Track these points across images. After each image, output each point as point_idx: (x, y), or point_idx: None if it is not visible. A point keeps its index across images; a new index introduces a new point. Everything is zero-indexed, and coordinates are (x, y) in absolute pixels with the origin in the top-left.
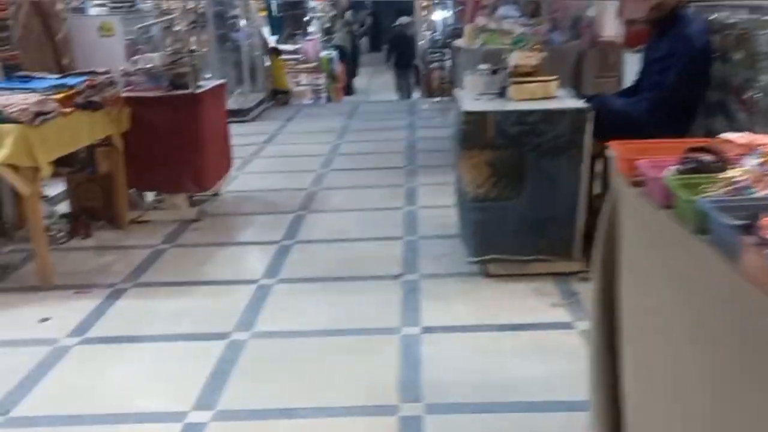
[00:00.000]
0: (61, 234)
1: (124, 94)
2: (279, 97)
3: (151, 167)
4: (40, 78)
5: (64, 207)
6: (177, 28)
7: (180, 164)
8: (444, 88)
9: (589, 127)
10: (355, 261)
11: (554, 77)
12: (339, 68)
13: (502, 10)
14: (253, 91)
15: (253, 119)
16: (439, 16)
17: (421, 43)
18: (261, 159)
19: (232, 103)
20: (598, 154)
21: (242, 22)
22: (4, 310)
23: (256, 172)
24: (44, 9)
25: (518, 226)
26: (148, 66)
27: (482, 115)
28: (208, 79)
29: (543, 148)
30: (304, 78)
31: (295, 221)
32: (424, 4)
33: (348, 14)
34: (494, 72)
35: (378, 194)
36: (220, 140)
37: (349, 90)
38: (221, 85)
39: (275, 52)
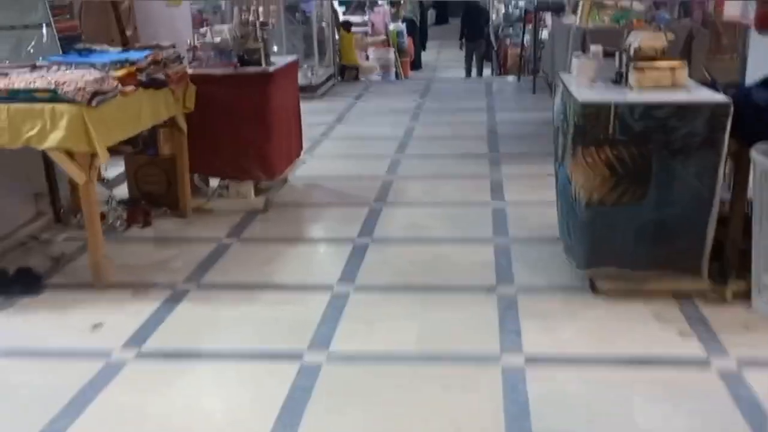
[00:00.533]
0: (119, 222)
1: (190, 71)
2: (348, 72)
3: (216, 151)
4: (101, 51)
5: (122, 191)
6: None
7: (248, 149)
8: (521, 66)
9: (728, 125)
10: (441, 266)
11: (682, 62)
12: (408, 42)
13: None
14: (322, 66)
15: (322, 96)
16: None
17: (494, 17)
18: (331, 141)
19: (300, 79)
20: (731, 154)
21: None
22: (55, 311)
23: (326, 156)
24: None
25: (638, 235)
26: (216, 40)
27: (602, 107)
28: (276, 53)
29: (673, 147)
30: (372, 52)
31: (371, 215)
32: None
33: None
34: (610, 54)
35: (460, 186)
36: (292, 123)
37: (416, 64)
38: (294, 63)
39: (346, 26)
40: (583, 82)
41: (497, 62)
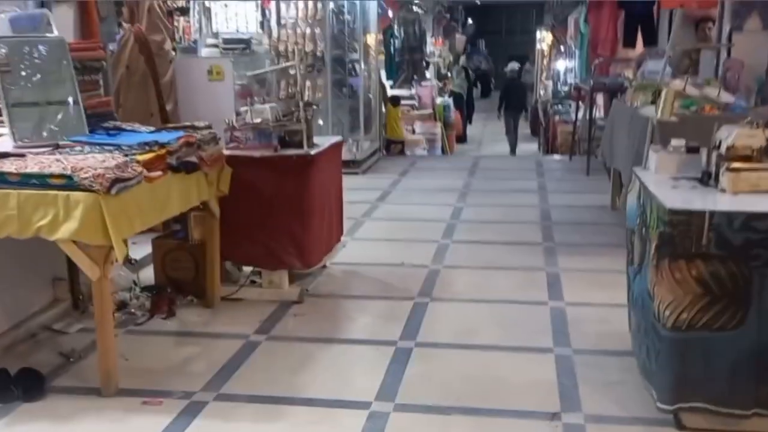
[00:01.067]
0: (141, 312)
1: (227, 152)
2: (393, 147)
3: (250, 237)
4: (131, 131)
5: (149, 274)
6: (293, 71)
7: (284, 236)
8: (573, 145)
9: None
10: (495, 383)
11: None
12: (454, 116)
13: (650, 64)
14: (367, 139)
15: (365, 171)
16: (562, 65)
17: (542, 92)
18: (373, 222)
19: (344, 154)
20: None
21: (361, 67)
22: (55, 423)
23: (368, 238)
24: (151, 48)
25: (735, 367)
26: (256, 120)
27: (694, 215)
28: (321, 125)
29: None
30: (418, 126)
31: (415, 312)
32: (545, 51)
33: (463, 59)
34: (693, 150)
35: (512, 279)
36: (333, 208)
37: (462, 138)
38: (338, 144)
39: (394, 101)
40: (665, 182)
41: (545, 138)
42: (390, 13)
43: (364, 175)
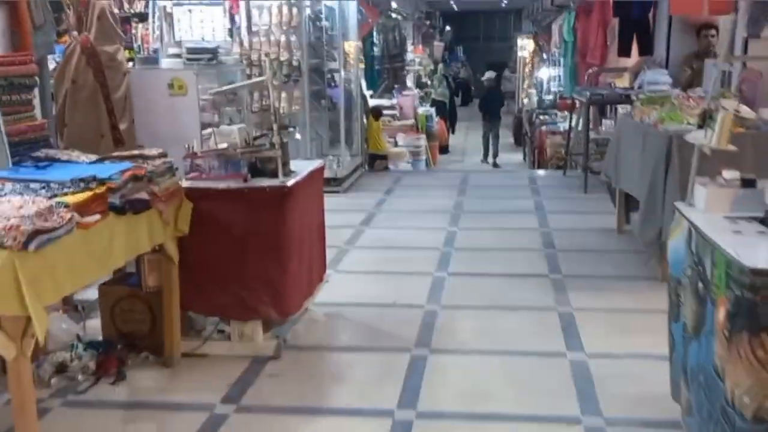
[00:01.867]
0: (83, 376)
1: (187, 184)
2: (377, 162)
3: (216, 284)
4: (66, 161)
5: (95, 325)
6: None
7: (257, 282)
8: (567, 159)
9: None
10: None
11: None
12: (437, 126)
13: (649, 75)
14: (349, 155)
15: (347, 189)
16: (545, 73)
17: (525, 101)
18: (359, 250)
19: (325, 170)
20: None
21: (341, 77)
22: None
23: (353, 271)
24: (101, 59)
25: None
26: (222, 145)
27: None
28: (298, 140)
29: None
30: (401, 138)
31: (413, 369)
32: (527, 59)
33: (440, 67)
34: (750, 183)
35: (522, 323)
36: (314, 244)
37: (444, 148)
38: (319, 170)
39: (375, 112)
40: (721, 224)
41: (531, 149)
42: (370, 20)
43: (346, 194)
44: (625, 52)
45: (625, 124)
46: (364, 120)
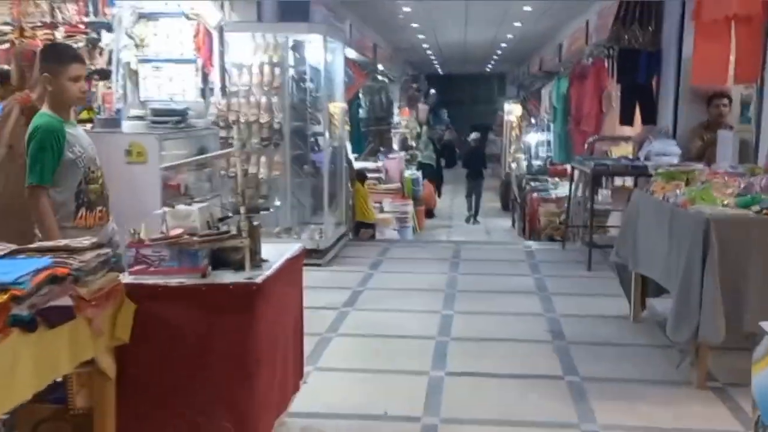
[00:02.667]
0: None
1: (130, 280)
2: (362, 231)
3: (164, 405)
4: None
5: None
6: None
7: (217, 403)
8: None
9: None
10: None
11: None
12: (424, 189)
13: (656, 145)
14: (332, 223)
15: (330, 261)
16: (533, 138)
17: (513, 166)
18: (342, 339)
19: (304, 243)
20: None
21: (324, 140)
22: None
23: (335, 368)
24: None
25: None
26: (176, 231)
27: None
28: (278, 206)
29: None
30: (387, 203)
31: None
32: (513, 123)
33: (424, 130)
34: None
35: None
36: (290, 348)
37: (430, 213)
38: (297, 257)
39: (360, 177)
40: None
41: (521, 216)
42: (357, 82)
43: (328, 268)
44: (627, 120)
45: (644, 202)
46: (349, 186)
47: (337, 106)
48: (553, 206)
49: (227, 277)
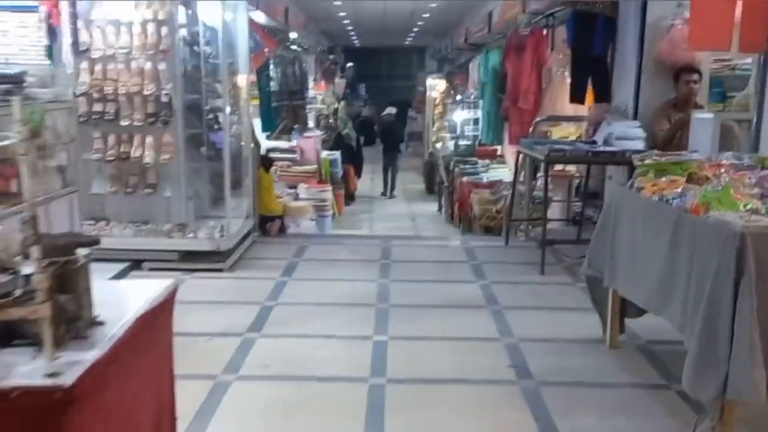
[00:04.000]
0: None
1: None
2: (269, 225)
3: None
4: None
5: None
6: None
7: None
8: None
9: None
10: None
11: None
12: (348, 171)
13: (617, 127)
14: (237, 217)
15: (233, 266)
16: (459, 116)
17: (438, 146)
18: (243, 385)
19: (201, 244)
20: None
21: (225, 117)
22: None
23: (235, 424)
24: None
25: None
26: None
27: None
28: (169, 198)
29: None
30: (303, 189)
31: None
32: (437, 100)
33: (341, 105)
34: None
35: None
36: None
37: (350, 196)
38: (163, 305)
39: (265, 162)
40: None
41: (449, 201)
42: (266, 50)
43: (231, 274)
44: (578, 97)
45: (629, 202)
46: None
47: (242, 78)
48: (487, 193)
49: (15, 370)
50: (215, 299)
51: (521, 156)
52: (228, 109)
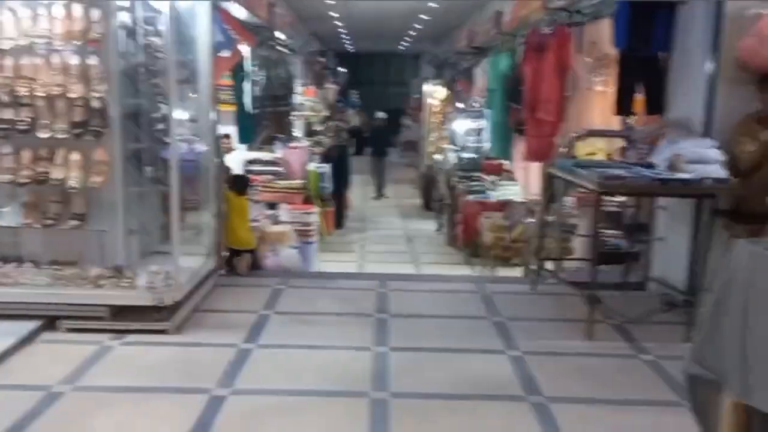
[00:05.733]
0: None
1: None
2: (237, 259)
3: None
4: None
5: None
6: None
7: None
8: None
9: None
10: None
11: None
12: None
13: (688, 148)
14: (193, 254)
15: (182, 326)
16: (462, 126)
17: (438, 158)
18: None
19: (138, 296)
20: None
21: (171, 126)
22: None
23: None
24: None
25: None
26: None
27: None
28: (104, 234)
29: None
30: (284, 211)
31: None
32: (436, 108)
33: (351, 112)
34: None
35: None
36: None
37: (339, 217)
38: None
39: (239, 184)
40: None
41: (450, 222)
42: (245, 43)
43: (178, 336)
44: (624, 108)
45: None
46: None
47: (205, 77)
48: (499, 217)
49: None
50: (145, 384)
51: (549, 178)
52: (186, 116)
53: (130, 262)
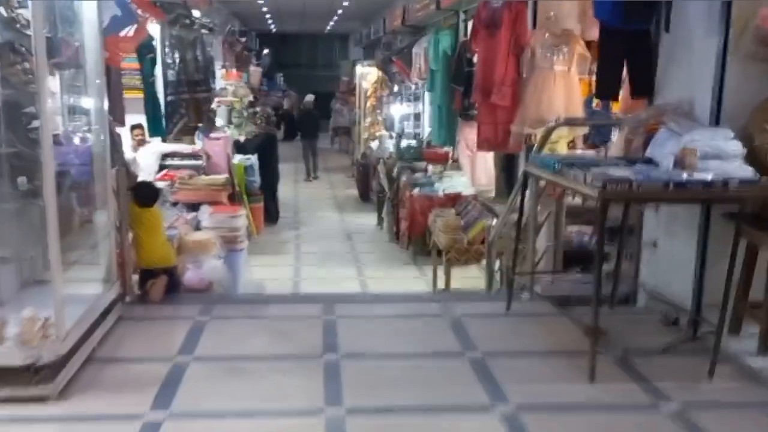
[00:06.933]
0: None
1: None
2: (150, 285)
3: None
4: None
5: None
6: None
7: None
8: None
9: None
10: None
11: None
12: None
13: (701, 139)
14: (86, 283)
15: (66, 390)
16: (398, 110)
17: (373, 145)
18: None
19: (6, 353)
20: None
21: (44, 125)
22: None
23: None
24: None
25: None
26: None
27: None
28: None
29: None
30: (206, 216)
31: None
32: (369, 92)
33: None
34: None
35: None
36: None
37: (270, 214)
38: None
39: (145, 195)
40: None
41: (391, 215)
42: (150, 18)
43: (60, 407)
44: (608, 89)
45: None
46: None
47: (93, 60)
48: (452, 216)
49: None
50: None
51: (524, 178)
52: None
53: (2, 299)
